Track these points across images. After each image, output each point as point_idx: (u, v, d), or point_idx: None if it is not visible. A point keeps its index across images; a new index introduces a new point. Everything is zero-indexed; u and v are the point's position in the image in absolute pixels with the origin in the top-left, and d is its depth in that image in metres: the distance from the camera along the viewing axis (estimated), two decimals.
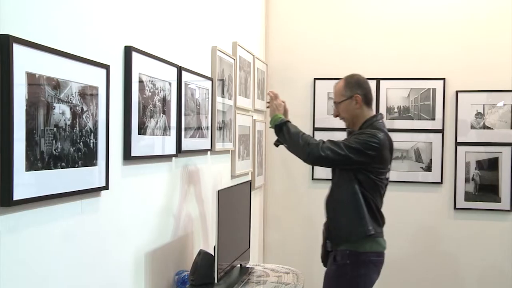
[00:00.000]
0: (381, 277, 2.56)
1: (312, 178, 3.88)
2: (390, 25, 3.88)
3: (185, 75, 2.37)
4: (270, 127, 2.67)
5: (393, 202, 3.82)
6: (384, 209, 3.65)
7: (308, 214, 2.84)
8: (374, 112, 2.62)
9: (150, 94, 2.03)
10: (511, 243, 3.72)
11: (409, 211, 3.87)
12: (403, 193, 3.86)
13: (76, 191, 1.56)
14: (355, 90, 2.54)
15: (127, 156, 1.87)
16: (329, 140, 2.48)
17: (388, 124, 3.82)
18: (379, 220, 2.52)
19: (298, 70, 3.99)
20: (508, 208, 3.72)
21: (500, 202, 3.73)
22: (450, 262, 3.83)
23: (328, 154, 2.40)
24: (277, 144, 2.67)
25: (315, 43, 3.97)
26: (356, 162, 2.42)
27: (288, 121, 2.57)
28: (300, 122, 3.88)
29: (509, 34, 3.71)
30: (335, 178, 2.58)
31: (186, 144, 2.40)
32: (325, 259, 2.61)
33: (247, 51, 3.41)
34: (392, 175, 3.81)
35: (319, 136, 3.65)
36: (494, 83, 3.73)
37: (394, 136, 3.79)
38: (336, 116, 2.65)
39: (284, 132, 2.52)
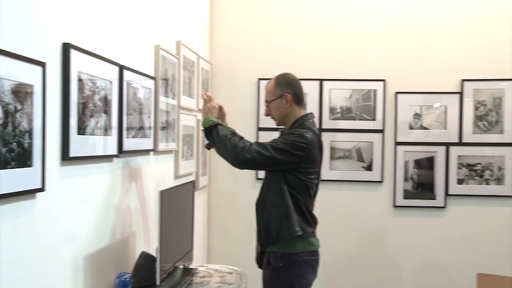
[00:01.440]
0: (324, 276, 2.61)
1: (257, 178, 3.89)
2: (333, 27, 3.95)
3: (127, 74, 2.32)
4: (201, 130, 2.66)
5: (335, 201, 3.93)
6: (326, 208, 3.74)
7: (252, 214, 2.85)
8: (305, 111, 2.64)
9: (90, 93, 1.98)
10: (445, 238, 3.88)
11: (352, 210, 3.96)
12: (345, 192, 3.95)
13: (9, 193, 1.49)
14: (286, 89, 2.57)
15: (66, 157, 1.81)
16: (256, 142, 2.49)
17: (331, 124, 3.94)
18: (310, 220, 2.54)
19: (243, 70, 4.00)
20: (443, 205, 3.88)
21: (435, 199, 3.88)
22: (390, 258, 3.94)
23: (254, 157, 2.41)
24: (208, 147, 2.66)
25: (259, 43, 3.99)
26: (284, 163, 2.44)
27: (220, 124, 2.56)
28: (245, 122, 3.92)
29: (446, 37, 3.86)
30: (264, 179, 2.61)
31: (128, 144, 2.35)
32: (259, 261, 2.63)
33: (191, 51, 3.38)
34: (335, 175, 3.93)
35: (264, 136, 3.70)
36: (431, 85, 3.88)
37: (336, 136, 3.93)
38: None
39: (214, 135, 2.52)
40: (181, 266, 2.59)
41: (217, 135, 2.51)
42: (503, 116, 3.82)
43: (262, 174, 3.69)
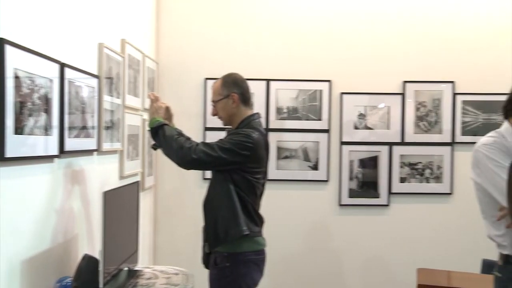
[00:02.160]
0: (270, 275, 2.63)
1: (204, 178, 3.88)
2: (280, 27, 3.99)
3: (69, 72, 2.26)
4: (147, 130, 2.63)
5: (282, 201, 3.96)
6: (273, 208, 3.76)
7: (199, 215, 2.83)
8: (252, 111, 2.66)
9: (28, 91, 1.91)
10: (388, 235, 3.99)
11: (298, 209, 4.01)
12: (292, 192, 3.99)
13: None
14: (232, 89, 2.58)
15: (1, 157, 1.74)
16: (202, 142, 2.50)
17: (278, 124, 3.97)
18: (256, 219, 2.56)
19: (190, 69, 3.98)
20: (386, 203, 3.99)
21: (379, 197, 3.99)
22: (336, 255, 4.02)
23: (200, 157, 2.41)
24: (154, 147, 2.63)
25: (206, 42, 3.97)
26: (230, 162, 2.45)
27: (166, 124, 2.54)
28: (192, 121, 3.90)
29: (389, 40, 3.97)
30: (211, 179, 2.61)
31: (70, 144, 2.29)
32: (206, 262, 2.63)
33: (137, 49, 3.33)
34: (281, 174, 3.97)
35: (211, 136, 3.69)
36: (375, 86, 3.98)
37: (283, 136, 3.97)
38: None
39: (160, 135, 2.50)
40: (126, 268, 2.54)
41: (163, 136, 2.49)
42: (442, 116, 3.97)
43: (209, 174, 3.67)
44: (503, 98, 2.35)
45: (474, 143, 2.34)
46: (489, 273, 2.95)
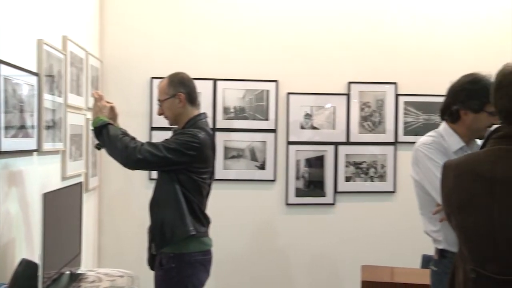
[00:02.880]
0: (217, 275, 2.63)
1: (150, 178, 3.82)
2: (228, 27, 3.98)
3: (5, 69, 2.17)
4: (91, 129, 2.57)
5: (229, 200, 3.95)
6: (220, 208, 3.75)
7: (145, 215, 2.80)
8: (199, 111, 2.65)
9: None
10: (334, 233, 4.06)
11: (245, 209, 4.01)
12: (239, 191, 3.99)
13: None
14: (179, 89, 2.57)
15: None
16: (148, 142, 2.48)
17: (225, 124, 3.96)
18: (202, 220, 2.56)
19: (135, 68, 3.90)
20: (332, 202, 4.05)
21: (325, 196, 4.05)
22: (283, 254, 4.05)
23: (146, 157, 2.39)
24: (98, 147, 2.58)
25: (152, 41, 3.92)
26: (176, 163, 2.44)
27: (110, 124, 2.49)
28: (137, 121, 3.83)
29: (334, 41, 4.03)
30: (157, 179, 2.59)
31: (7, 144, 2.20)
32: (152, 263, 2.60)
33: (79, 47, 3.24)
34: (229, 174, 3.96)
35: (157, 135, 3.63)
36: (321, 86, 4.03)
37: (230, 135, 3.96)
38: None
39: (104, 135, 2.45)
40: (68, 272, 2.47)
41: (107, 135, 2.44)
42: (385, 117, 4.07)
43: (155, 174, 3.62)
44: (442, 99, 2.44)
45: (415, 142, 2.43)
46: (428, 268, 3.06)
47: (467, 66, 2.42)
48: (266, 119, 4.00)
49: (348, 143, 4.05)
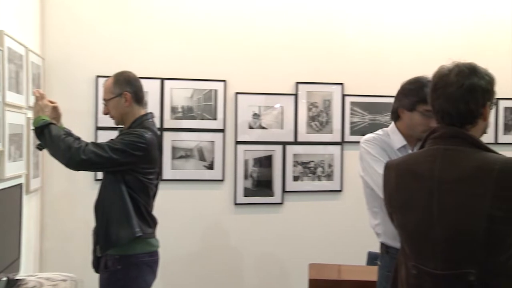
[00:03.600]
0: (167, 276, 2.60)
1: (96, 179, 3.72)
2: (176, 25, 3.93)
3: None
4: (32, 129, 2.49)
5: (177, 201, 3.91)
6: (168, 208, 3.71)
7: (90, 217, 2.72)
8: (145, 111, 2.62)
9: None
10: (282, 232, 4.09)
11: (193, 209, 3.98)
12: (187, 191, 3.95)
13: None
14: (125, 88, 2.53)
15: None
16: (92, 143, 2.42)
17: (173, 123, 3.91)
18: (149, 221, 2.53)
19: (80, 66, 3.79)
20: (280, 201, 4.08)
21: (273, 196, 4.07)
22: (232, 254, 4.04)
23: (90, 157, 2.33)
24: (40, 147, 2.49)
25: (98, 38, 3.82)
26: (122, 163, 2.40)
27: (52, 123, 2.41)
28: (82, 121, 3.72)
29: (282, 42, 4.05)
30: (103, 180, 2.53)
31: None
32: (96, 266, 2.54)
33: (18, 42, 3.11)
34: (176, 174, 3.92)
35: (103, 135, 3.55)
36: (269, 86, 4.04)
37: (178, 135, 3.92)
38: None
39: (46, 135, 2.38)
40: (5, 278, 2.37)
41: (49, 135, 2.37)
42: (332, 117, 4.13)
43: (101, 174, 3.55)
44: (387, 100, 2.51)
45: None
46: (374, 264, 3.13)
47: (412, 68, 2.51)
48: (215, 119, 3.98)
49: (296, 142, 4.09)
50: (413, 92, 2.29)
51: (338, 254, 4.01)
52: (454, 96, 1.67)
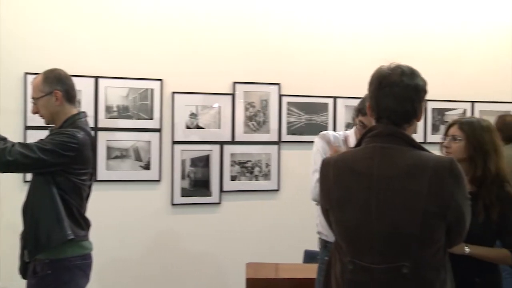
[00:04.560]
0: (99, 279, 2.53)
1: (25, 181, 3.56)
2: (110, 22, 3.83)
3: None
4: None
5: (113, 202, 3.81)
6: (103, 210, 3.61)
7: (18, 220, 2.60)
8: (78, 110, 2.55)
9: None
10: (220, 232, 4.08)
11: (129, 210, 3.89)
12: (123, 192, 3.87)
13: None
14: (55, 86, 2.44)
15: None
16: (20, 143, 2.32)
17: (107, 123, 3.81)
18: (82, 223, 2.46)
19: (6, 62, 3.62)
20: (218, 201, 4.07)
21: (211, 196, 4.05)
22: (169, 255, 3.99)
23: (17, 158, 2.23)
24: None
25: (27, 32, 3.65)
26: (52, 164, 2.31)
27: None
28: (9, 120, 3.55)
29: (220, 40, 4.04)
30: (31, 181, 2.43)
31: None
32: (24, 271, 2.43)
33: None
34: (112, 175, 3.82)
35: (33, 135, 3.40)
36: (207, 86, 4.02)
37: (113, 135, 3.82)
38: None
39: None
40: None
41: None
42: (269, 117, 4.16)
43: (30, 176, 3.40)
44: (323, 100, 2.59)
45: (298, 142, 2.55)
46: (310, 262, 3.18)
47: (347, 69, 2.60)
48: (151, 119, 3.91)
49: (233, 142, 4.09)
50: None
51: (275, 253, 4.04)
52: (402, 95, 1.73)
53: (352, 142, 2.49)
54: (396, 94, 1.73)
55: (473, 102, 4.63)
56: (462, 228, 1.73)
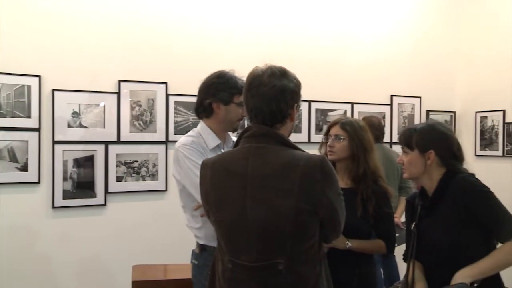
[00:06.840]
0: None
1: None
2: None
3: None
4: None
5: None
6: None
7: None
8: None
9: None
10: (106, 234, 3.96)
11: (5, 215, 3.64)
12: None
13: None
14: None
15: None
16: None
17: None
18: None
19: None
20: (103, 202, 3.93)
21: (96, 197, 3.91)
22: (51, 260, 3.79)
23: None
24: None
25: None
26: None
27: None
28: None
29: (105, 37, 3.91)
30: None
31: None
32: None
33: None
34: None
35: None
36: (90, 84, 3.87)
37: None
38: None
39: None
40: None
41: None
42: (156, 116, 4.10)
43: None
44: None
45: None
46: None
47: (237, 68, 2.60)
48: (28, 117, 3.68)
49: (119, 142, 3.97)
50: (227, 85, 2.38)
51: (164, 253, 3.99)
52: (267, 95, 1.77)
53: (211, 139, 2.43)
54: (261, 95, 1.78)
55: (352, 103, 4.91)
56: (336, 224, 1.81)
